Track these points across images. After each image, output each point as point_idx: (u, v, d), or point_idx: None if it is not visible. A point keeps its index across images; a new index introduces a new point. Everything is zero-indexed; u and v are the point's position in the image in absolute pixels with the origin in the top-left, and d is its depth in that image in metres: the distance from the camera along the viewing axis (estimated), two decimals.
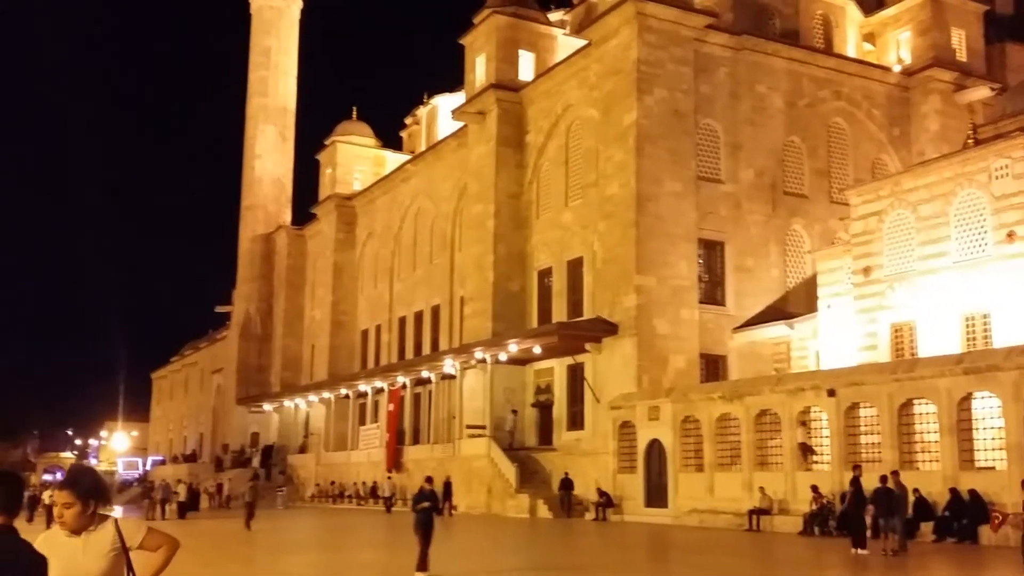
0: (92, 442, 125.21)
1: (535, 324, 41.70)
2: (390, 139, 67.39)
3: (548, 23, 47.56)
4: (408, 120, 67.74)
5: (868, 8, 45.03)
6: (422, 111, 64.22)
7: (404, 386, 48.07)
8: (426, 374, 45.79)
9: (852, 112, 41.34)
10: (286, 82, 71.73)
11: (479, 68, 45.99)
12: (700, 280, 36.59)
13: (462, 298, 48.19)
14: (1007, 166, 26.75)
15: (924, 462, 23.47)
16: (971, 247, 27.71)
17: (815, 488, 24.53)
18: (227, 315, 76.22)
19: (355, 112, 65.52)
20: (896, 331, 29.75)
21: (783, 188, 39.24)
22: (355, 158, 63.90)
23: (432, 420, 48.03)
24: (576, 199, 40.87)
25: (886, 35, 44.14)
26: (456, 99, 52.20)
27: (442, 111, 58.55)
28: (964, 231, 27.90)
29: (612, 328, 35.27)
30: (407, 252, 56.37)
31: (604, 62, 37.88)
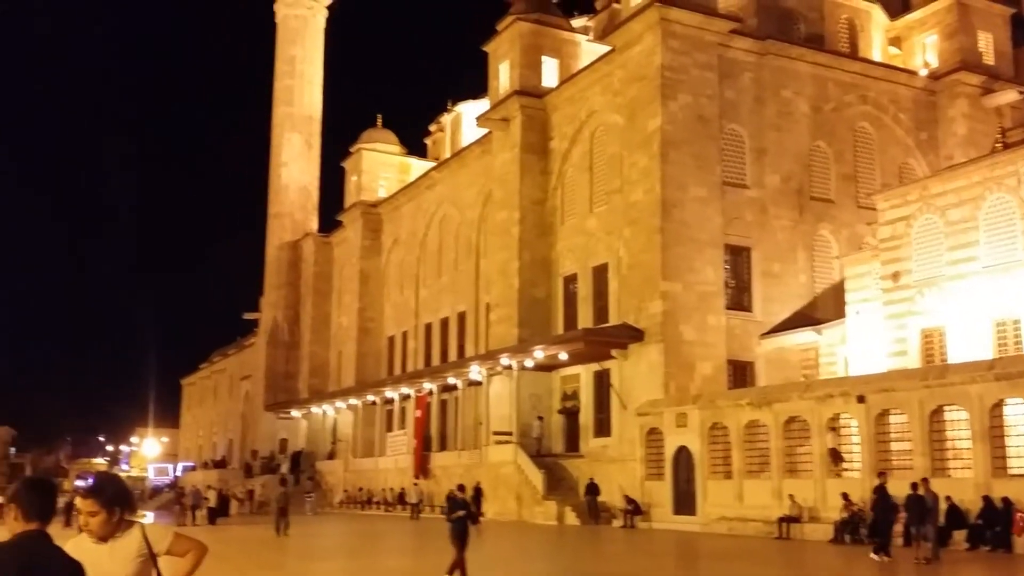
0: (123, 448, 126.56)
1: (561, 330, 41.73)
2: (415, 146, 67.79)
3: (571, 29, 47.64)
4: (432, 127, 68.03)
5: (894, 12, 44.75)
6: (446, 118, 64.48)
7: (431, 392, 48.25)
8: (452, 380, 45.93)
9: (879, 116, 41.08)
10: (311, 91, 72.25)
11: (503, 75, 46.12)
12: (727, 286, 36.47)
13: (487, 304, 48.30)
14: None
15: (956, 469, 23.28)
16: (1001, 252, 27.47)
17: (846, 495, 24.38)
18: (255, 322, 76.80)
19: (380, 120, 65.94)
20: (926, 337, 29.53)
21: (809, 193, 39.04)
22: (380, 165, 64.26)
23: (459, 426, 48.15)
24: (601, 205, 40.88)
25: (912, 39, 43.82)
26: (480, 106, 52.37)
27: (466, 118, 58.78)
28: (994, 235, 27.67)
29: (638, 334, 35.23)
30: (432, 259, 56.59)
31: (628, 68, 37.90)
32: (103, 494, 4.68)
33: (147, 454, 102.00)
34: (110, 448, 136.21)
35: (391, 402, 53.58)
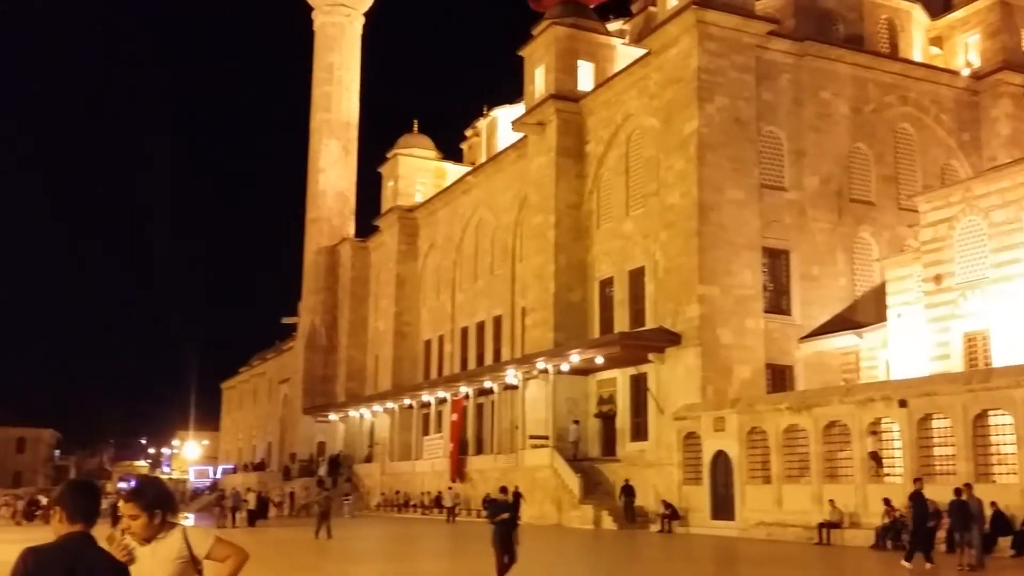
0: (165, 451, 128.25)
1: (597, 334, 41.63)
2: (451, 151, 68.08)
3: (607, 33, 47.58)
4: (468, 132, 68.29)
5: (935, 11, 44.15)
6: (482, 123, 64.69)
7: (467, 396, 48.34)
8: (488, 384, 45.99)
9: (920, 117, 40.54)
10: (349, 97, 72.82)
11: (538, 79, 46.16)
12: (765, 289, 36.17)
13: (523, 308, 48.31)
14: None
15: (1001, 474, 22.86)
16: None
17: (887, 501, 24.04)
18: (293, 326, 77.50)
19: (416, 125, 66.28)
20: (969, 340, 29.06)
21: (849, 195, 38.62)
22: (416, 170, 64.57)
23: (495, 430, 48.19)
24: (637, 208, 40.75)
25: (954, 38, 43.20)
26: (516, 110, 52.46)
27: (502, 123, 58.91)
28: None
29: (675, 338, 35.05)
30: (468, 263, 56.74)
31: (664, 71, 37.76)
32: (144, 497, 4.74)
33: (188, 457, 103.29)
34: (152, 451, 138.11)
35: (427, 406, 53.77)
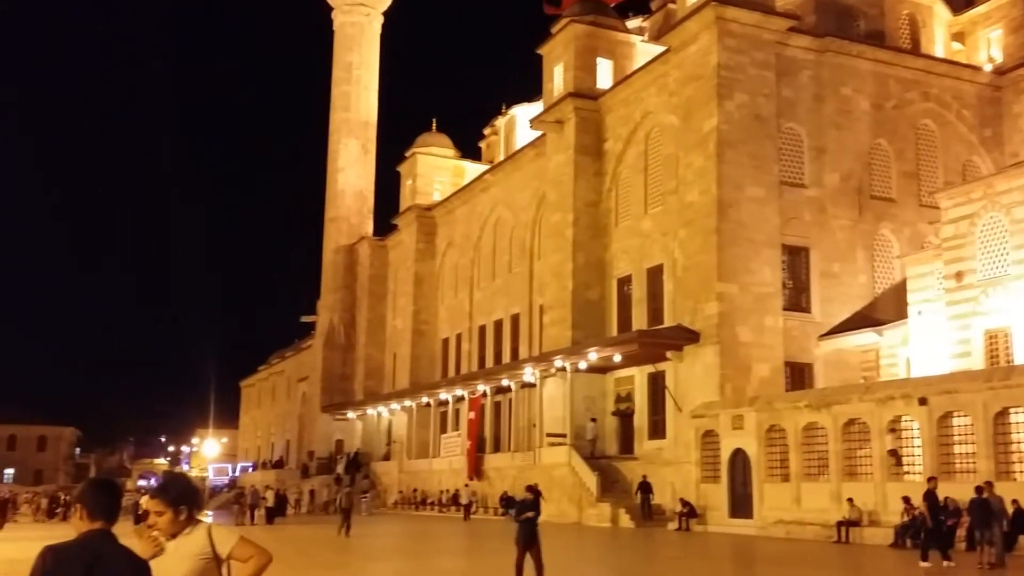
0: (184, 448, 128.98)
1: (615, 332, 41.52)
2: (469, 150, 68.08)
3: (626, 30, 47.43)
4: (487, 130, 68.26)
5: (957, 7, 43.78)
6: (500, 121, 64.65)
7: (484, 394, 48.36)
8: (506, 382, 45.98)
9: (941, 113, 40.18)
10: (368, 96, 72.99)
11: (557, 77, 46.09)
12: (784, 287, 35.95)
13: (541, 307, 48.27)
14: None
15: (1022, 472, 22.62)
16: None
17: (907, 499, 23.84)
18: (312, 325, 77.79)
19: (434, 124, 66.39)
20: (990, 338, 28.77)
21: (870, 192, 38.34)
22: (435, 169, 64.65)
23: (512, 428, 48.17)
24: (656, 206, 40.61)
25: (976, 34, 42.81)
26: (534, 109, 52.40)
27: (520, 121, 58.85)
28: None
29: (693, 336, 34.89)
30: (486, 261, 56.74)
31: (683, 68, 37.61)
32: (168, 493, 4.75)
33: (207, 454, 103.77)
34: (171, 448, 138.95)
35: (445, 404, 53.83)
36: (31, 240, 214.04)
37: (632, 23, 50.59)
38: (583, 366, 39.14)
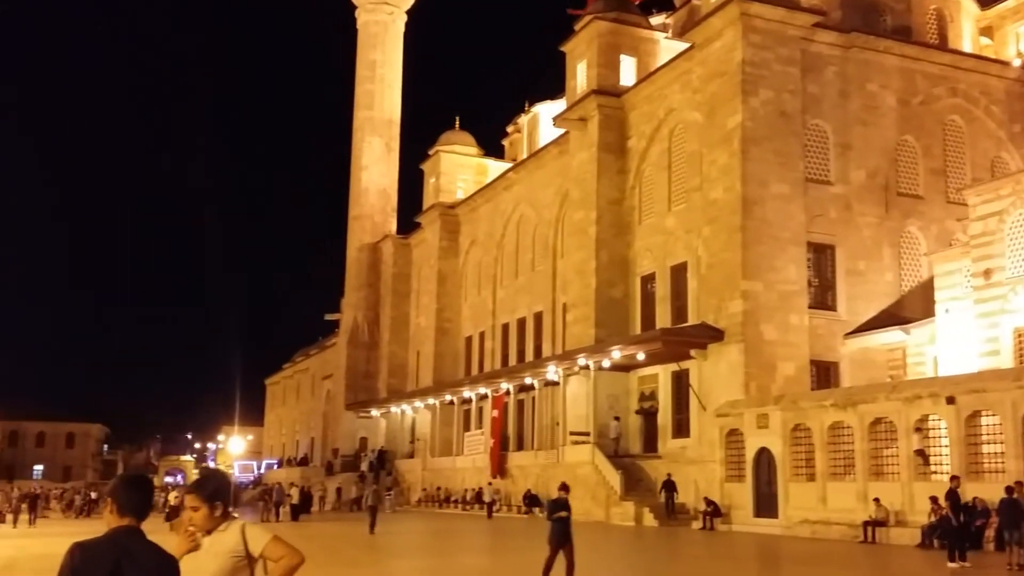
0: (210, 446, 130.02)
1: (638, 330, 41.40)
2: (492, 148, 68.07)
3: (650, 27, 47.22)
4: (510, 128, 68.23)
5: (984, 1, 43.26)
6: (523, 119, 64.60)
7: (508, 392, 48.38)
8: (529, 380, 45.97)
9: (969, 109, 39.74)
10: (391, 95, 73.17)
11: (580, 74, 45.99)
12: (809, 284, 35.70)
13: (564, 305, 48.22)
14: None
15: None
16: None
17: (934, 499, 23.58)
18: (336, 323, 78.14)
19: (458, 122, 66.45)
20: (1019, 336, 28.43)
21: (896, 189, 37.99)
22: (458, 167, 64.73)
23: (536, 427, 48.16)
24: (679, 204, 40.44)
25: (1005, 28, 42.28)
26: (557, 106, 52.32)
27: (543, 118, 58.77)
28: None
29: (718, 334, 34.73)
30: (510, 259, 56.76)
31: (707, 64, 37.42)
32: (205, 489, 4.76)
33: (232, 452, 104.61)
34: (197, 446, 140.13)
35: (468, 402, 53.90)
36: (63, 241, 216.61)
37: (656, 20, 50.34)
38: (606, 364, 39.06)
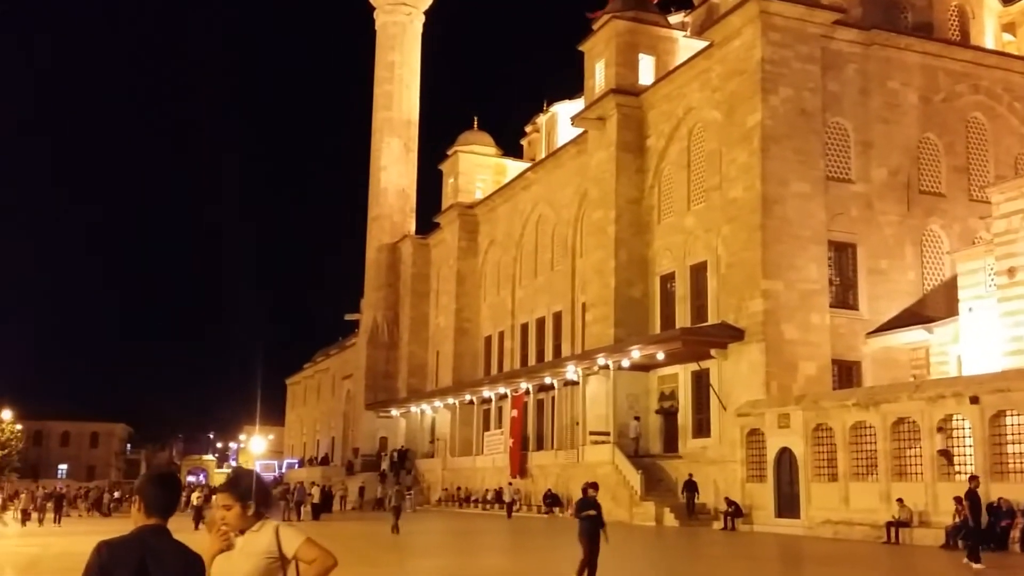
0: (231, 445, 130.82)
1: (658, 330, 41.30)
2: (510, 147, 68.12)
3: (668, 26, 47.10)
4: (528, 128, 68.24)
5: None
6: (542, 119, 64.60)
7: (527, 392, 48.39)
8: (549, 380, 45.97)
9: (992, 106, 39.37)
10: (410, 95, 73.30)
11: (598, 74, 45.92)
12: (831, 283, 35.49)
13: (584, 304, 48.17)
14: None
15: None
16: None
17: (958, 500, 23.37)
18: (356, 323, 78.36)
19: (476, 122, 66.51)
20: None
21: (918, 187, 37.69)
22: (476, 167, 64.80)
23: (555, 426, 48.15)
24: (699, 203, 40.31)
25: None
26: (576, 106, 52.28)
27: (562, 118, 58.76)
28: None
29: (738, 334, 34.59)
30: (528, 259, 56.76)
31: (727, 63, 37.27)
32: (237, 487, 4.72)
33: (254, 451, 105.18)
34: (219, 445, 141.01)
35: (488, 402, 53.96)
36: (85, 243, 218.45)
37: (674, 18, 50.21)
38: (626, 364, 38.99)
